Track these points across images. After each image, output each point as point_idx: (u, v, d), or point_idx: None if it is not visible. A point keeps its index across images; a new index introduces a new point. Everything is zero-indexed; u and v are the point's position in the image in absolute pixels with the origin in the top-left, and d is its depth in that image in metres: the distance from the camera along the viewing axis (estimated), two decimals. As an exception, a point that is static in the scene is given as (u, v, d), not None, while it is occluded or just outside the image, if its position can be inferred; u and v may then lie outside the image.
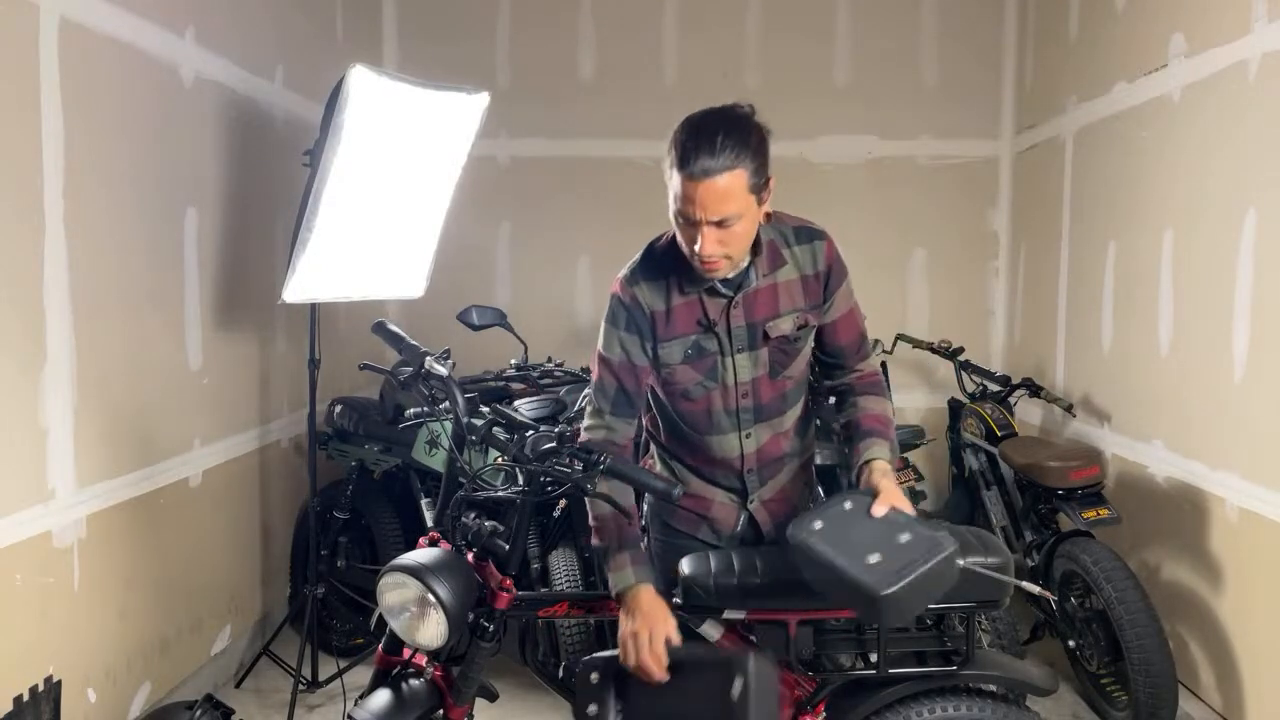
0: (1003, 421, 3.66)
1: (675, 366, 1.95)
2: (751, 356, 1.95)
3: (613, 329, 1.95)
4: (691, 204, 1.73)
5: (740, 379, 1.96)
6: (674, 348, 1.94)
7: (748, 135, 1.75)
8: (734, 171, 1.72)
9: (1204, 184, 3.04)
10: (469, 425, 2.19)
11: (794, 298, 1.94)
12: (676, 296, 1.92)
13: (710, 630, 1.92)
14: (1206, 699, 3.02)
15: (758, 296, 1.92)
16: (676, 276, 1.91)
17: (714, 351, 1.94)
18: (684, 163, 1.72)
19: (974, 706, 1.86)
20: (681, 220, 1.79)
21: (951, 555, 1.63)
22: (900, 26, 4.63)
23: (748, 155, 1.73)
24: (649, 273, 1.95)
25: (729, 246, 1.78)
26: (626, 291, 1.94)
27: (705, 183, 1.71)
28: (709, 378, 1.96)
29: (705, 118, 1.77)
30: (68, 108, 2.49)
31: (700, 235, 1.76)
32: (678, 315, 1.92)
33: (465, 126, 3.30)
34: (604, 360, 1.96)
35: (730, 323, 1.92)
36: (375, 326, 2.43)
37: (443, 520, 1.98)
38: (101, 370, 2.67)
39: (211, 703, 2.16)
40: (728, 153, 1.71)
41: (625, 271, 1.98)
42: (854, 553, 1.63)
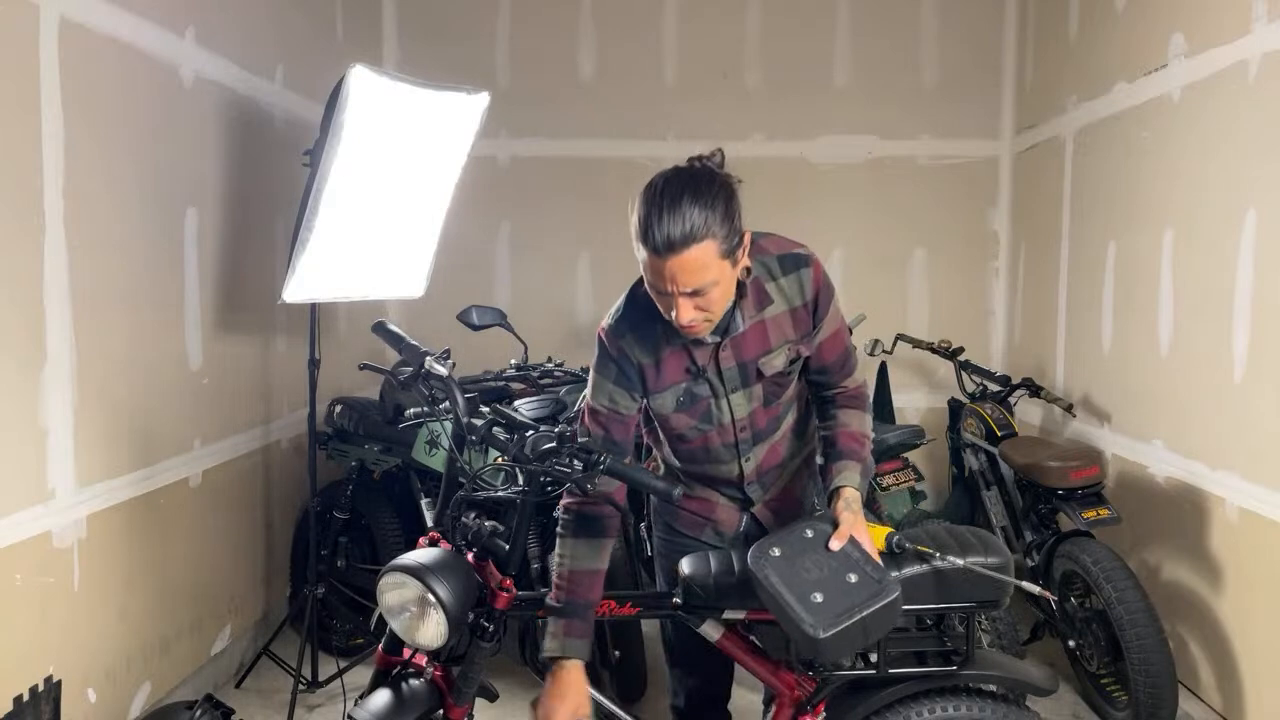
0: (1003, 421, 3.66)
1: (669, 415, 1.94)
2: (746, 394, 1.93)
3: (602, 379, 1.92)
4: (662, 279, 1.67)
5: (737, 416, 1.94)
6: (666, 398, 1.92)
7: (714, 198, 1.66)
8: (703, 244, 1.64)
9: (1204, 184, 3.04)
10: (469, 425, 2.18)
11: (784, 331, 1.89)
12: (664, 348, 1.88)
13: (710, 630, 1.92)
14: (1206, 699, 3.02)
15: (746, 336, 1.87)
16: (662, 326, 1.84)
17: (706, 395, 1.92)
18: (647, 239, 1.65)
19: (974, 706, 1.86)
20: (655, 290, 1.74)
21: (894, 602, 1.67)
22: (900, 26, 4.63)
23: (715, 222, 1.64)
24: (635, 324, 1.89)
25: (708, 311, 1.73)
26: (614, 344, 1.90)
27: (674, 258, 1.64)
28: (704, 421, 1.95)
29: (666, 186, 1.67)
30: (68, 108, 2.49)
31: (676, 305, 1.70)
32: (667, 366, 1.89)
33: (465, 126, 3.30)
34: (592, 411, 1.94)
35: (720, 365, 1.89)
36: (375, 326, 2.43)
37: (443, 520, 1.98)
38: (101, 370, 2.67)
39: (211, 703, 2.16)
40: (694, 223, 1.62)
41: (610, 321, 1.92)
42: (801, 589, 1.68)
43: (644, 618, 2.09)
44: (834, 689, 1.92)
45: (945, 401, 4.29)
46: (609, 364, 1.90)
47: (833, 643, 1.62)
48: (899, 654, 1.89)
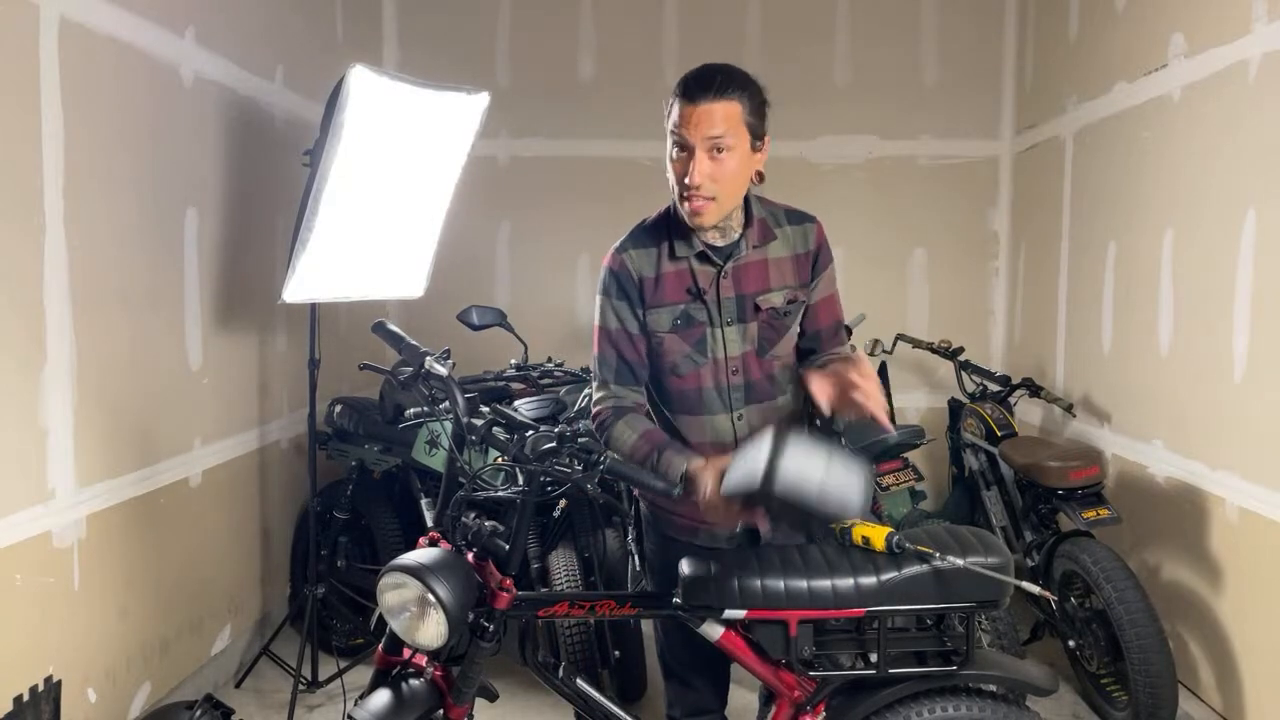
0: (1003, 421, 3.66)
1: (664, 335, 1.96)
2: (740, 330, 1.96)
3: (605, 299, 1.98)
4: (687, 125, 1.79)
5: (730, 353, 1.96)
6: (662, 315, 1.95)
7: (748, 80, 1.85)
8: (731, 101, 1.80)
9: (1204, 184, 3.04)
10: (469, 425, 2.18)
11: (784, 274, 1.97)
12: (666, 263, 1.95)
13: (710, 630, 1.92)
14: (1206, 699, 3.02)
15: (748, 269, 1.94)
16: (668, 243, 1.95)
17: (702, 321, 1.95)
18: (684, 88, 1.81)
19: (974, 706, 1.86)
20: (676, 149, 1.83)
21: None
22: (900, 26, 4.63)
23: (746, 94, 1.82)
24: (639, 241, 1.98)
25: (719, 182, 1.82)
26: (616, 259, 1.98)
27: (703, 105, 1.78)
28: (697, 350, 1.96)
29: (712, 63, 1.87)
30: (68, 108, 2.49)
31: (693, 162, 1.80)
32: (667, 282, 1.94)
33: (465, 126, 3.30)
34: (602, 330, 1.99)
35: (720, 293, 1.94)
36: (375, 326, 2.43)
37: (443, 520, 1.98)
38: (101, 370, 2.67)
39: (211, 703, 2.16)
40: (727, 84, 1.80)
41: (617, 244, 2.01)
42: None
43: (644, 618, 2.08)
44: (834, 689, 1.92)
45: (945, 401, 4.29)
46: (611, 281, 1.97)
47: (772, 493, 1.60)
48: (899, 654, 1.89)
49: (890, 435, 3.63)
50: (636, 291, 1.96)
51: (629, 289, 1.96)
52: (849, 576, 1.84)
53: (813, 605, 1.84)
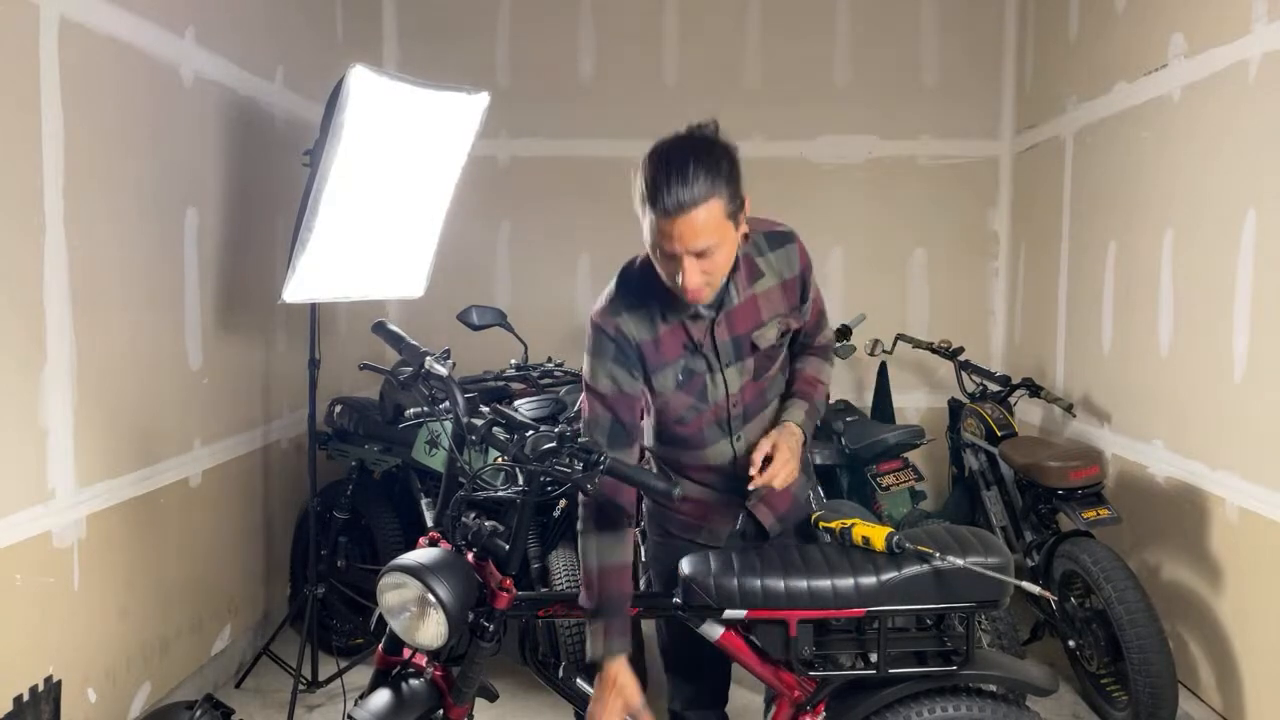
0: (1003, 421, 3.66)
1: (669, 394, 1.94)
2: (739, 368, 1.95)
3: (600, 361, 1.92)
4: (670, 240, 1.70)
5: (730, 391, 1.96)
6: (666, 375, 1.93)
7: (718, 161, 1.71)
8: (709, 203, 1.68)
9: (1204, 184, 3.04)
10: (469, 425, 2.18)
11: (774, 304, 1.95)
12: (661, 325, 1.90)
13: (710, 630, 1.92)
14: (1206, 699, 3.02)
15: (739, 311, 1.91)
16: (658, 303, 1.88)
17: (702, 371, 1.93)
18: (656, 200, 1.69)
19: (974, 706, 1.86)
20: (660, 254, 1.76)
21: None
22: (900, 26, 4.63)
23: (721, 182, 1.70)
24: (630, 302, 1.91)
25: (712, 275, 1.77)
26: (609, 323, 1.90)
27: (682, 218, 1.68)
28: (700, 399, 1.95)
29: (671, 149, 1.73)
30: (68, 108, 2.49)
31: (682, 269, 1.73)
32: (664, 342, 1.91)
33: (465, 126, 3.30)
34: (594, 393, 1.93)
35: (715, 340, 1.91)
36: (375, 326, 2.43)
37: (443, 520, 1.98)
38: (101, 370, 2.67)
39: (211, 703, 2.16)
40: (701, 183, 1.67)
41: (603, 302, 1.93)
42: None
43: (644, 618, 2.08)
44: (834, 689, 1.92)
45: (945, 401, 4.29)
46: (606, 343, 1.91)
47: None
48: (899, 654, 1.89)
49: (887, 438, 3.64)
50: (635, 355, 1.91)
51: (627, 353, 1.90)
52: (849, 576, 1.84)
53: (813, 605, 1.84)
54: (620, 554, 1.90)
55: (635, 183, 1.75)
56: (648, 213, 1.73)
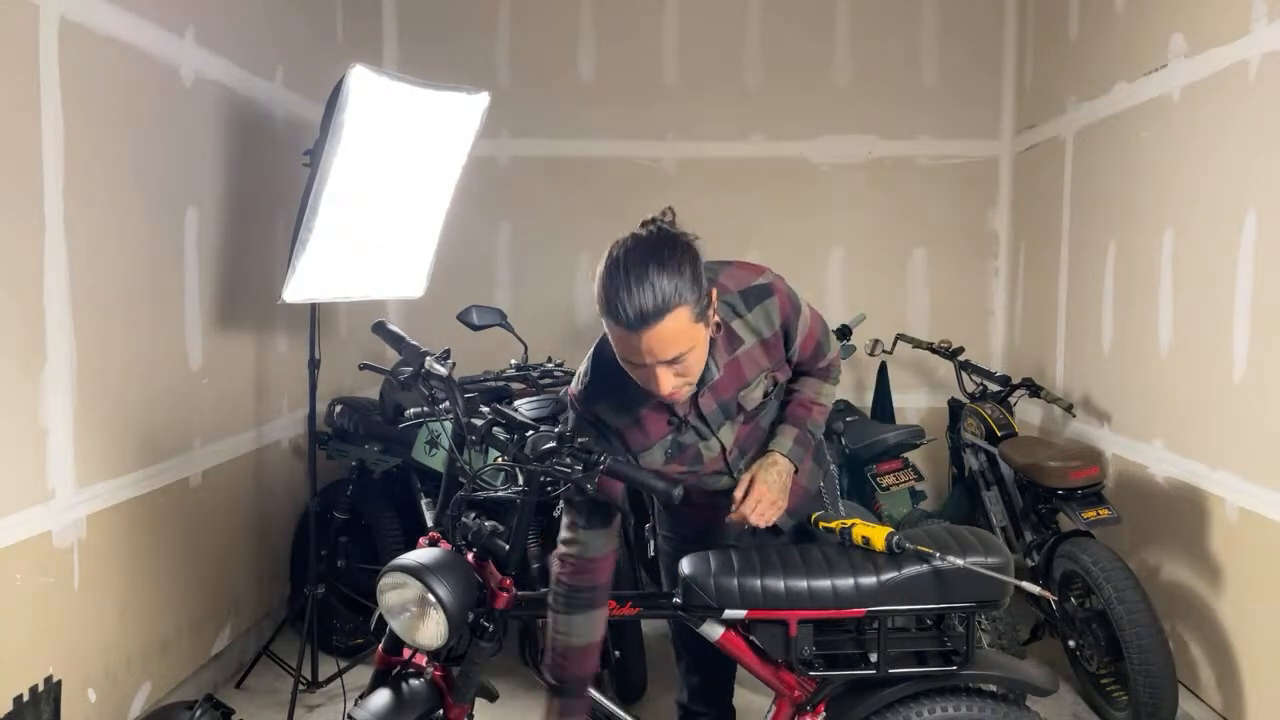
0: (1003, 421, 3.66)
1: (660, 467, 1.92)
2: (729, 426, 1.94)
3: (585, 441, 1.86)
4: (637, 353, 1.63)
5: (725, 445, 1.95)
6: (654, 453, 1.90)
7: (680, 264, 1.61)
8: (675, 312, 1.59)
9: (1204, 184, 3.04)
10: (469, 425, 2.18)
11: (758, 363, 1.90)
12: (641, 408, 1.85)
13: (710, 630, 1.92)
14: (1206, 699, 3.02)
15: (722, 380, 1.87)
16: (636, 388, 1.78)
17: (693, 442, 1.92)
18: (618, 315, 1.58)
19: (974, 706, 1.86)
20: (629, 365, 1.69)
21: None
22: (900, 26, 4.63)
23: (685, 287, 1.60)
24: (605, 389, 1.85)
25: (688, 375, 1.70)
26: (588, 411, 1.87)
27: (647, 333, 1.59)
28: (694, 463, 1.94)
29: (628, 257, 1.61)
30: (68, 108, 2.49)
31: (655, 376, 1.65)
32: (648, 424, 1.87)
33: (465, 126, 3.30)
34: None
35: (702, 411, 1.88)
36: (375, 326, 2.43)
37: (443, 520, 1.98)
38: (101, 370, 2.67)
39: (211, 703, 2.17)
40: (664, 293, 1.57)
41: (579, 387, 1.89)
42: None
43: (644, 618, 2.09)
44: (834, 689, 1.92)
45: (945, 401, 4.29)
46: (587, 428, 1.87)
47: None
48: (899, 654, 1.89)
49: (887, 438, 3.64)
50: (618, 440, 1.88)
51: (609, 438, 1.87)
52: (849, 576, 1.84)
53: (813, 605, 1.85)
54: (591, 634, 1.89)
55: (594, 289, 1.65)
56: (611, 325, 1.63)
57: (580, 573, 1.89)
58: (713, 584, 1.87)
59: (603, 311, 1.63)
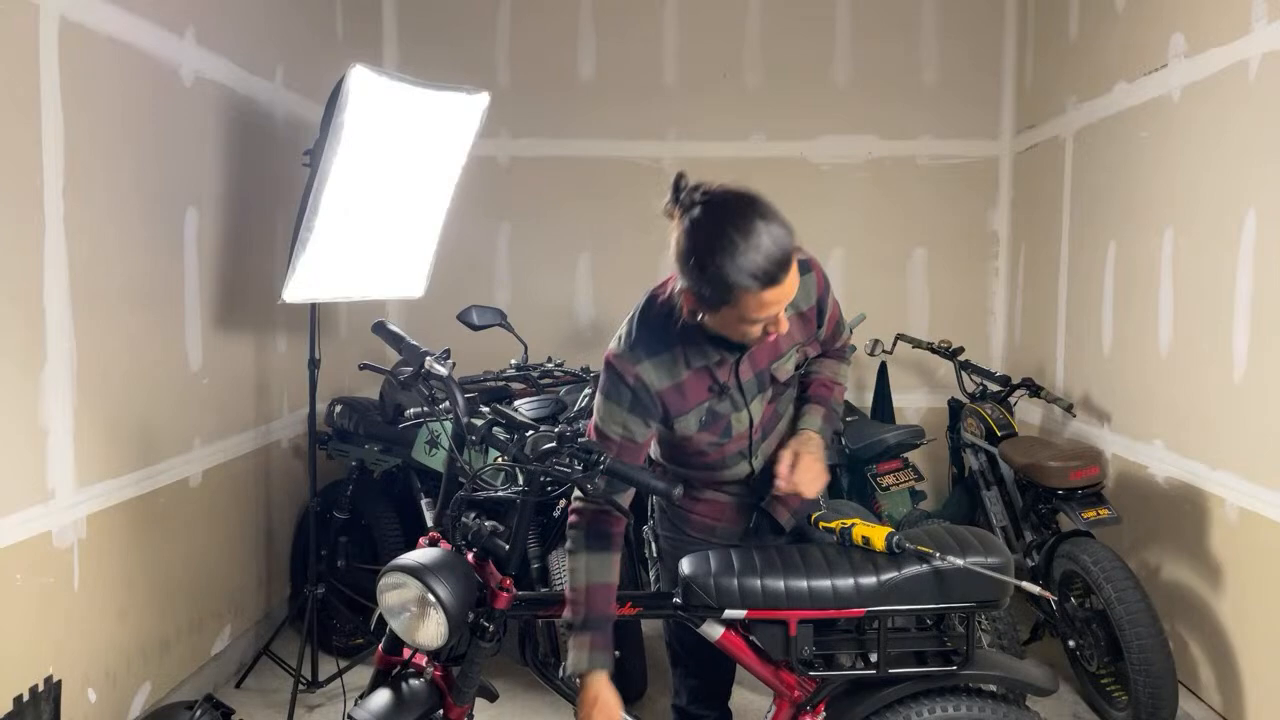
0: (1003, 421, 3.66)
1: (692, 435, 1.93)
2: (760, 399, 1.97)
3: (614, 407, 1.87)
4: (767, 307, 1.67)
5: (753, 421, 1.97)
6: (689, 419, 1.92)
7: (770, 207, 1.66)
8: (791, 274, 1.67)
9: (1204, 184, 3.04)
10: (469, 425, 2.18)
11: (792, 334, 1.93)
12: (684, 370, 1.86)
13: (710, 630, 1.92)
14: (1206, 699, 3.02)
15: (759, 349, 1.90)
16: (682, 349, 1.83)
17: (727, 412, 1.93)
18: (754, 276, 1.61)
19: (974, 706, 1.86)
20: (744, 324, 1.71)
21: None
22: (900, 26, 4.63)
23: (786, 226, 1.66)
24: (651, 348, 1.84)
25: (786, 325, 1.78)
26: (629, 370, 1.84)
27: (780, 285, 1.65)
28: (723, 436, 1.96)
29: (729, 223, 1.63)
30: (68, 108, 2.49)
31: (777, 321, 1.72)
32: (689, 388, 1.88)
33: (465, 126, 3.30)
34: (602, 435, 1.89)
35: (740, 379, 1.91)
36: (375, 326, 2.43)
37: (443, 520, 1.98)
38: (101, 370, 2.67)
39: (211, 703, 2.17)
40: (782, 241, 1.63)
41: (623, 346, 1.87)
42: None
43: (644, 618, 2.09)
44: (834, 689, 1.92)
45: (945, 401, 4.29)
46: (623, 390, 1.85)
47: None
48: (899, 654, 1.89)
49: (887, 438, 3.64)
50: (657, 407, 1.87)
51: (646, 404, 1.85)
52: (849, 576, 1.84)
53: (813, 605, 1.85)
54: (609, 574, 1.90)
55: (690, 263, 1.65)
56: (733, 292, 1.64)
57: (597, 520, 1.90)
58: (713, 584, 1.87)
59: (720, 286, 1.63)
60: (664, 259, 2.13)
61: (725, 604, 1.87)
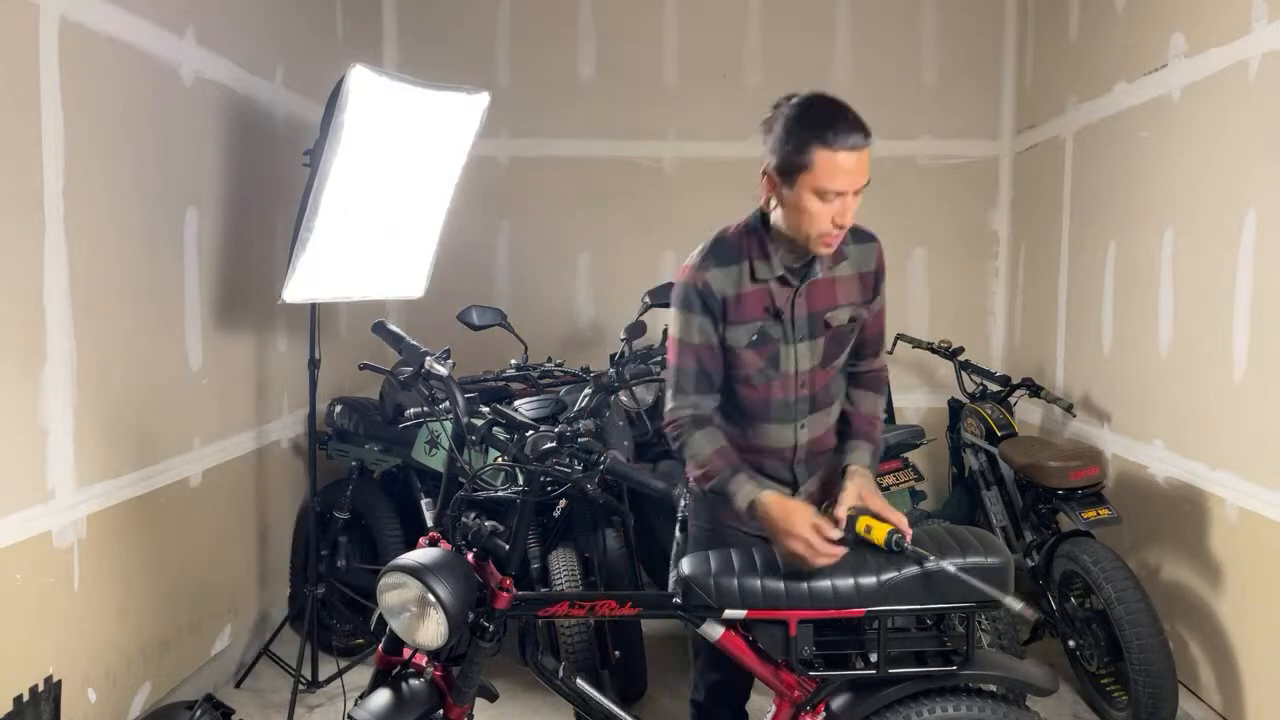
0: (1003, 421, 3.66)
1: (740, 351, 2.02)
2: (810, 346, 2.04)
3: (688, 314, 2.01)
4: (840, 176, 1.83)
5: (800, 368, 2.03)
6: (740, 332, 2.00)
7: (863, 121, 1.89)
8: (866, 140, 1.86)
9: (1204, 184, 3.04)
10: (469, 425, 2.19)
11: (849, 293, 2.06)
12: (748, 283, 2.00)
13: (710, 630, 1.92)
14: (1206, 699, 3.02)
15: (819, 288, 2.02)
16: (749, 263, 2.00)
17: (777, 339, 2.01)
18: (837, 138, 1.82)
19: (974, 706, 1.86)
20: (815, 195, 1.86)
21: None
22: (900, 26, 4.63)
23: (868, 129, 1.88)
24: (721, 259, 2.01)
25: (845, 221, 1.89)
26: (699, 277, 2.00)
27: (857, 155, 1.83)
28: (770, 365, 2.03)
29: (825, 100, 1.91)
30: (68, 108, 2.49)
31: (845, 205, 1.87)
32: (747, 301, 2.00)
33: (465, 126, 3.30)
34: (682, 344, 2.02)
35: (794, 311, 2.01)
36: (375, 326, 2.43)
37: (443, 520, 1.98)
38: (101, 370, 2.67)
39: (211, 703, 2.17)
40: (863, 128, 1.86)
41: (695, 259, 2.03)
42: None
43: (644, 618, 2.09)
44: (834, 689, 1.92)
45: (945, 401, 4.29)
46: (693, 298, 2.00)
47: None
48: (899, 654, 1.89)
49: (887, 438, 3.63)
50: (719, 309, 2.00)
51: (713, 307, 1.99)
52: (849, 576, 1.84)
53: (813, 605, 1.84)
54: (721, 440, 1.99)
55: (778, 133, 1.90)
56: (816, 156, 1.83)
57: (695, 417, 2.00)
58: (712, 584, 1.87)
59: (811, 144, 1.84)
60: (664, 259, 2.13)
61: (725, 604, 1.87)
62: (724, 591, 1.86)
